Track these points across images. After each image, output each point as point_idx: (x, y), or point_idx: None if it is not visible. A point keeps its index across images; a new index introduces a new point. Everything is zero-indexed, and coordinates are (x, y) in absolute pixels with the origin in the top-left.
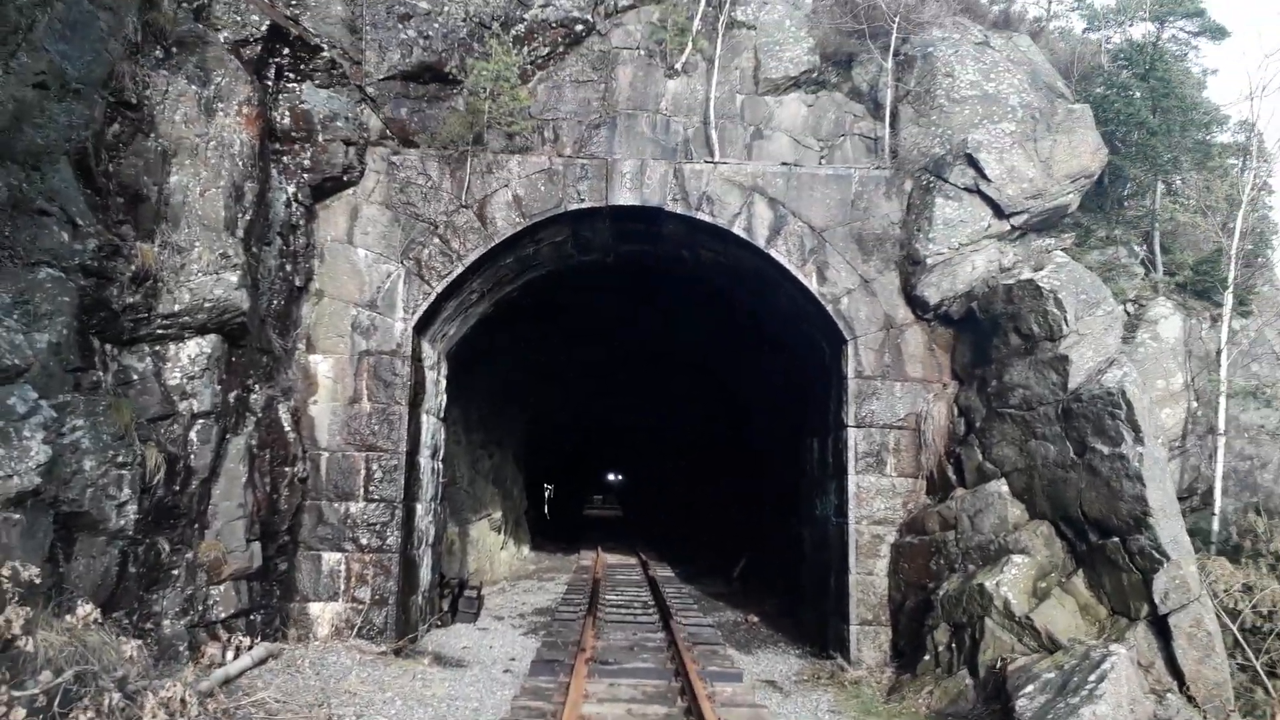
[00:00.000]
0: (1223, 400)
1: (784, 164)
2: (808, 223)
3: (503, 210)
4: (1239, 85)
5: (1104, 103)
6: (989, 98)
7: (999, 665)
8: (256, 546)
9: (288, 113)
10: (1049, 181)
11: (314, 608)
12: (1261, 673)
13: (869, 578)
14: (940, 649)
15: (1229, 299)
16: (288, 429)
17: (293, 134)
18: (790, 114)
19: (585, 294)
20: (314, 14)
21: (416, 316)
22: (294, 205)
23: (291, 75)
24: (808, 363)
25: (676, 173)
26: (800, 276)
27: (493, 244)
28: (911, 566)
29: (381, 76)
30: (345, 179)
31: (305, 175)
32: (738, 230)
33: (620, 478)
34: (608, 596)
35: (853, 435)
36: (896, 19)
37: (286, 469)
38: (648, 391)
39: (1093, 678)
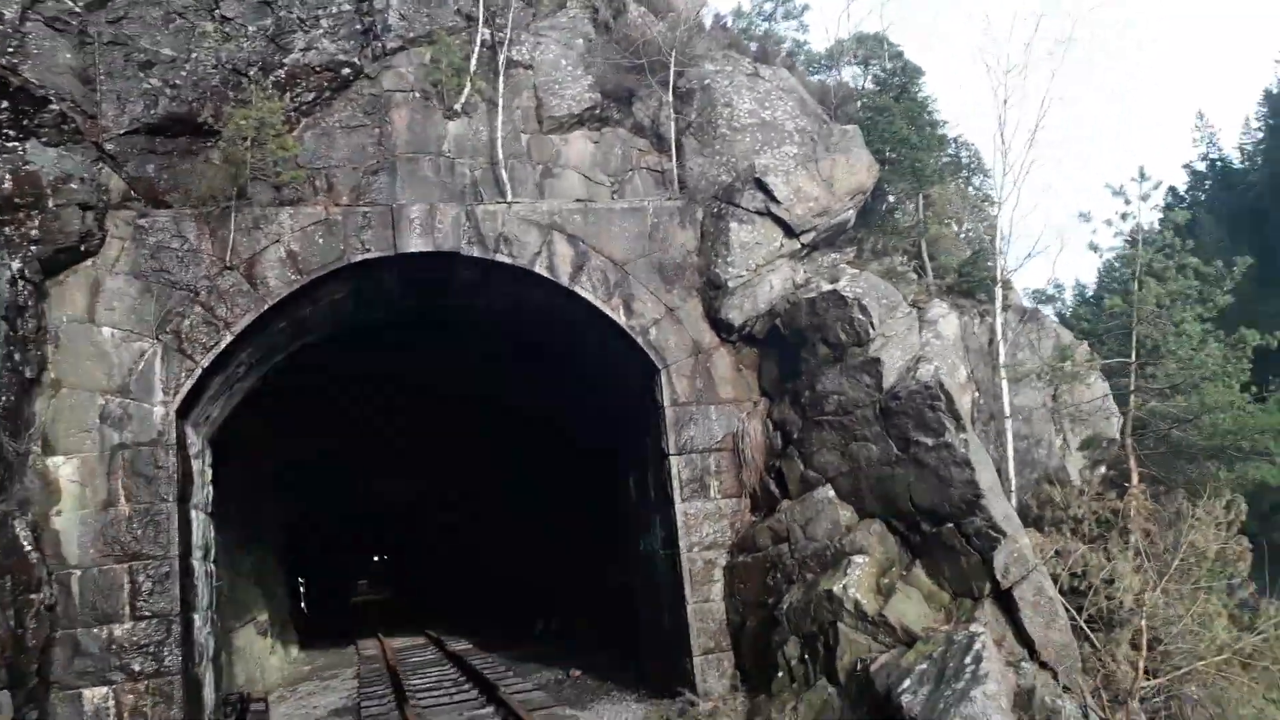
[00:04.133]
0: (1005, 385)
1: (578, 200)
2: (609, 257)
3: (275, 268)
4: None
5: (870, 125)
6: (767, 125)
7: (860, 667)
8: (5, 696)
9: (8, 176)
10: (832, 199)
11: None
12: (1086, 629)
13: (706, 605)
14: (793, 663)
15: (999, 294)
16: (28, 548)
17: (16, 200)
18: (577, 151)
19: (363, 358)
20: (37, 63)
21: (179, 398)
22: (20, 283)
23: (13, 133)
24: (619, 399)
25: (469, 215)
26: (608, 311)
27: (265, 306)
28: (748, 586)
29: (122, 131)
30: (83, 249)
31: (33, 248)
32: (540, 270)
33: (387, 558)
34: (412, 681)
35: (675, 463)
36: (674, 53)
37: (32, 596)
38: (431, 460)
39: (968, 661)
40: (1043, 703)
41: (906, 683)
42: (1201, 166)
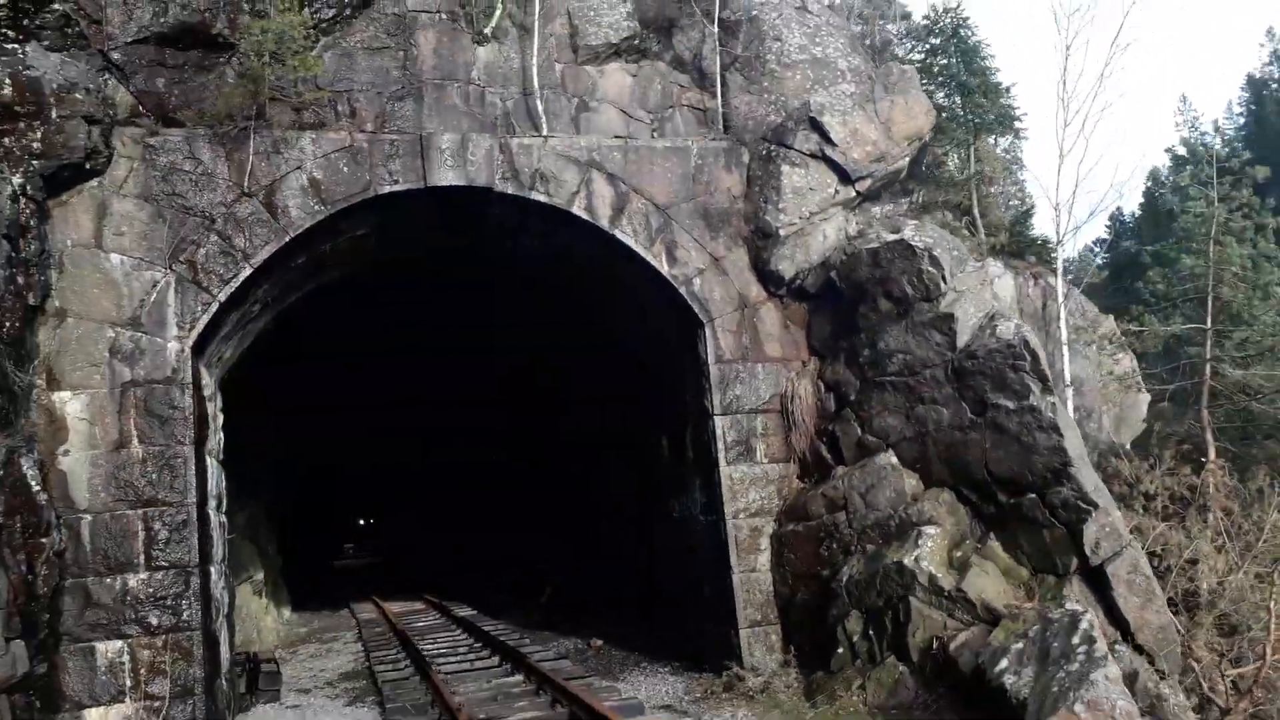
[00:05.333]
0: (1065, 352)
1: (617, 137)
2: (651, 200)
3: (297, 197)
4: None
5: (924, 68)
6: (819, 62)
7: (936, 645)
8: (19, 647)
9: (8, 80)
10: (890, 144)
11: (92, 716)
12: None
13: (753, 575)
14: (855, 639)
15: (1061, 254)
16: (36, 488)
17: (16, 109)
18: (615, 85)
19: (380, 303)
20: None
21: (195, 334)
22: (22, 201)
23: (12, 33)
24: (652, 355)
25: (503, 148)
26: (649, 258)
27: (287, 238)
28: (799, 556)
29: (130, 39)
30: (89, 167)
31: (35, 162)
32: (578, 211)
33: (375, 521)
34: (425, 647)
35: (720, 424)
36: None
37: (41, 540)
38: (434, 418)
39: (1077, 641)
40: (1145, 689)
41: (1004, 663)
42: (1183, 151)
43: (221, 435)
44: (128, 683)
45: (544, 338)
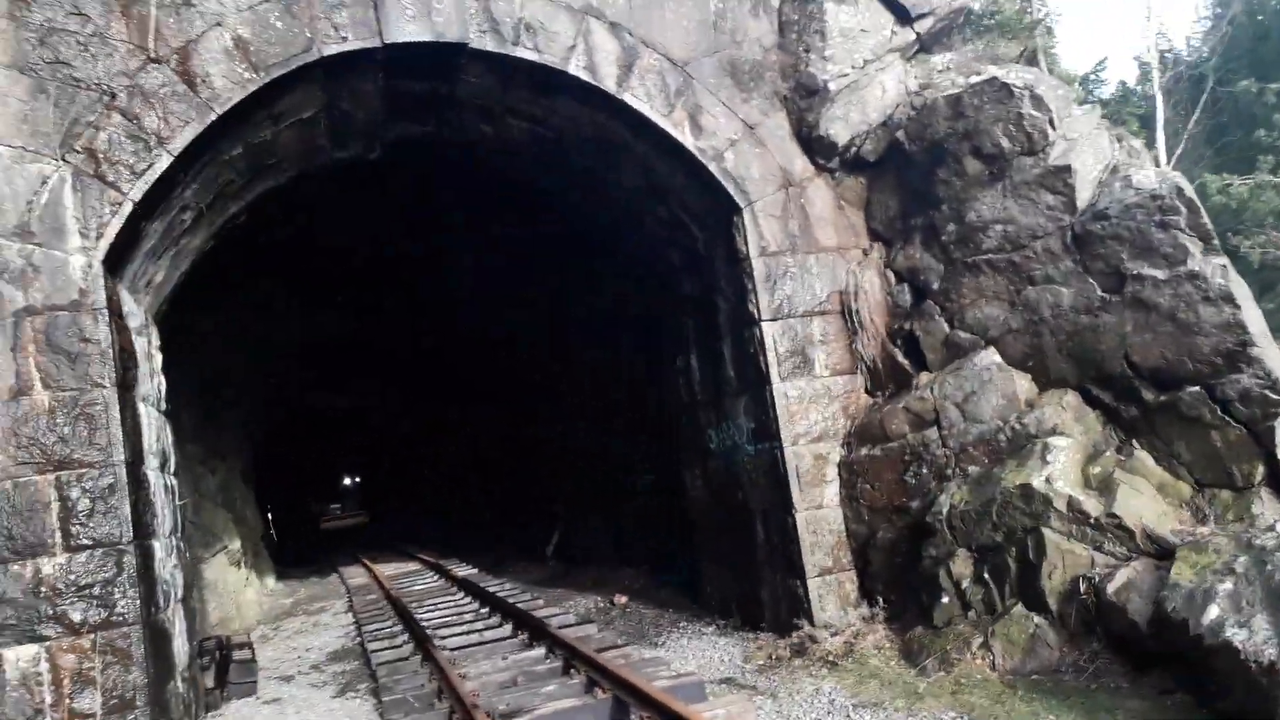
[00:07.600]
0: None
1: None
2: (665, 54)
3: (220, 62)
4: None
5: None
6: None
7: (1084, 588)
8: None
9: None
10: None
11: None
12: None
13: (819, 512)
14: (965, 585)
15: (1160, 105)
16: None
17: None
18: None
19: (334, 219)
20: None
21: (106, 243)
22: None
23: None
24: (667, 258)
25: None
26: (669, 128)
27: (213, 115)
28: (877, 486)
29: None
30: None
31: None
32: (576, 70)
33: (360, 479)
34: (423, 616)
35: (769, 331)
36: None
37: None
38: (414, 360)
39: None
40: None
41: (1213, 611)
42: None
43: (162, 379)
44: (47, 698)
45: (536, 258)
